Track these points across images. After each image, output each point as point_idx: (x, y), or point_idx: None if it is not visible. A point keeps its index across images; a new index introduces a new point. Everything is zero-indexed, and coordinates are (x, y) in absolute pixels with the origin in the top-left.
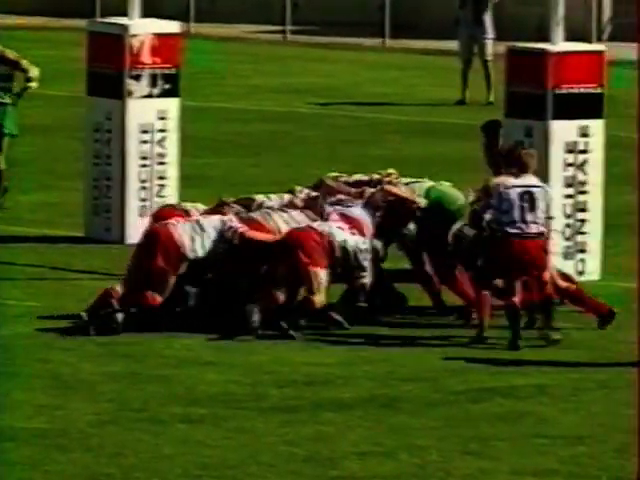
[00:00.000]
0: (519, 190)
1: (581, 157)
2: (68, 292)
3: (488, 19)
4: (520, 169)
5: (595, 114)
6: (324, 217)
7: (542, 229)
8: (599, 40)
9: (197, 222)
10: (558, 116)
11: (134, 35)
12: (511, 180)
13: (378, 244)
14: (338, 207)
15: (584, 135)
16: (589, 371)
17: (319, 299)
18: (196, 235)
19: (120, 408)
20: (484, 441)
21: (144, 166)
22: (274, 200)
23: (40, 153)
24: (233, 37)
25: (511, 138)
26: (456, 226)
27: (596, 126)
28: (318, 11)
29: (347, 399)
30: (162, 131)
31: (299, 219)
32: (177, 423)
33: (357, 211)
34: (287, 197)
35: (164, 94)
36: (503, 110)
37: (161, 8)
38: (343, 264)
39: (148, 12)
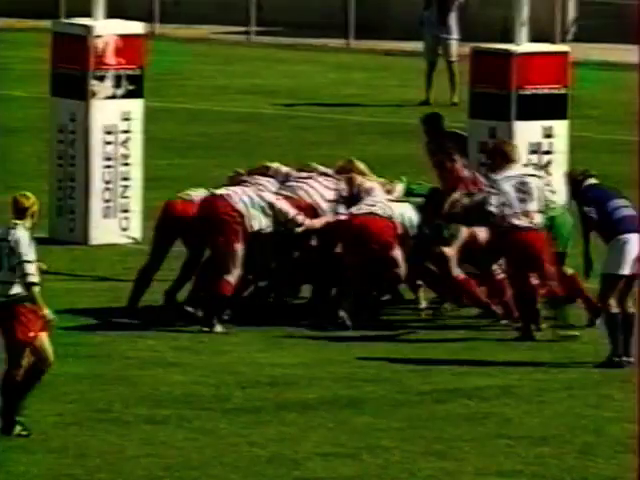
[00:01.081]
0: (513, 181)
1: (545, 158)
2: None
3: (453, 20)
4: (506, 161)
5: (559, 115)
6: (362, 191)
7: (541, 220)
8: (563, 41)
9: (257, 194)
10: (522, 117)
11: (98, 36)
12: (504, 172)
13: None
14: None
15: (548, 136)
16: (553, 372)
17: (403, 272)
18: (253, 209)
19: (84, 409)
20: (448, 442)
21: (108, 167)
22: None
23: (5, 154)
24: (197, 38)
25: (475, 139)
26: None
27: (560, 127)
28: (282, 12)
29: (310, 400)
30: (126, 132)
31: (330, 187)
32: (141, 424)
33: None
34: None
35: (128, 95)
36: (467, 111)
37: (125, 9)
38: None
39: (112, 13)
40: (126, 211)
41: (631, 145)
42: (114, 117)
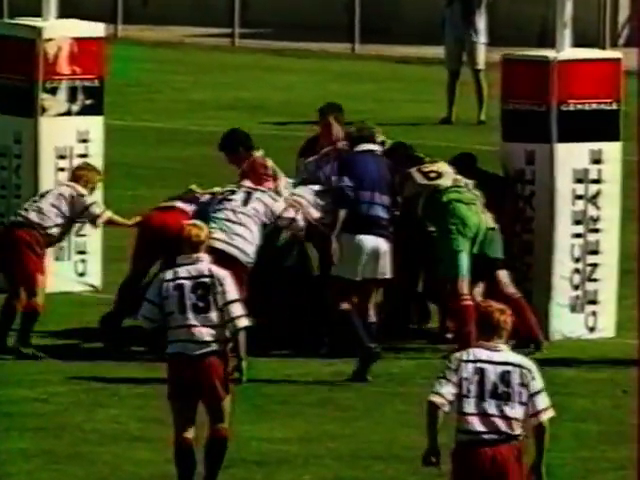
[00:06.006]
0: None
1: (593, 188)
2: None
3: (480, 20)
4: None
5: (610, 136)
6: None
7: None
8: (614, 46)
9: None
10: (565, 138)
11: (49, 39)
12: None
13: None
14: None
15: (596, 161)
16: (602, 449)
17: None
18: None
19: None
20: None
21: None
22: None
23: None
24: (169, 42)
25: (510, 165)
26: None
27: (611, 150)
28: (273, 11)
29: None
30: (83, 156)
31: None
32: None
33: None
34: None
35: (85, 111)
36: (499, 131)
37: (82, 7)
38: None
39: (67, 12)
40: (83, 252)
41: None
42: (68, 138)
